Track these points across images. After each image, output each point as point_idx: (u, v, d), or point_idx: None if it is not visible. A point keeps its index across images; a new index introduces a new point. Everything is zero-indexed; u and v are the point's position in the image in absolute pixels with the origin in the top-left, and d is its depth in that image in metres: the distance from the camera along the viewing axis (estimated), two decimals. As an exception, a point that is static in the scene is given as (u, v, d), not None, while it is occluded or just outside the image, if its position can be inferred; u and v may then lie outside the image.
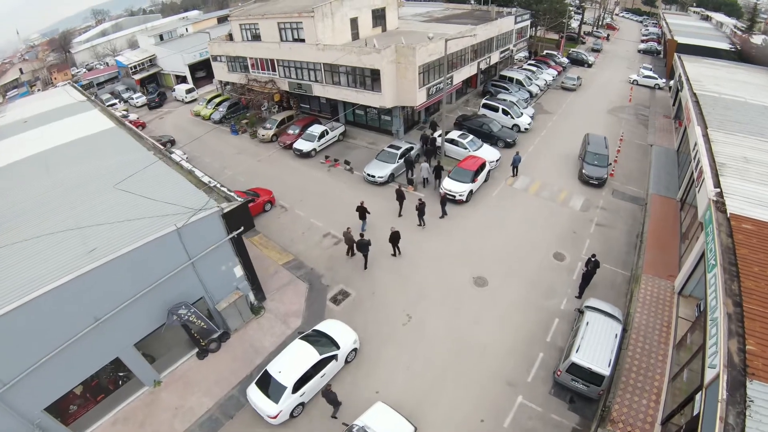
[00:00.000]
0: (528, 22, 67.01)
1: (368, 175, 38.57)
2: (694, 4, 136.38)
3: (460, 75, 48.90)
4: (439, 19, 60.96)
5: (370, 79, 41.12)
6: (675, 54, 55.88)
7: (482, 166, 36.53)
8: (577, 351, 20.34)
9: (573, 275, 28.36)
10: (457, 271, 28.57)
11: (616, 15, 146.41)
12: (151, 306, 19.98)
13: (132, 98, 76.54)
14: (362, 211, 31.87)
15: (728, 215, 21.46)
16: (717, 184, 23.87)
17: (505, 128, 45.41)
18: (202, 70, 77.43)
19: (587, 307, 23.64)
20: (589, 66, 75.88)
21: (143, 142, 31.66)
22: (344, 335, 22.48)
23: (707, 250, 20.83)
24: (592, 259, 26.19)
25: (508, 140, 43.31)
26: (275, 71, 50.30)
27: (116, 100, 76.41)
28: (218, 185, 24.46)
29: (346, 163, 42.05)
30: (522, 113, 47.96)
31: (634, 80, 66.44)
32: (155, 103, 69.75)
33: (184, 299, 21.10)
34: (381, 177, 37.94)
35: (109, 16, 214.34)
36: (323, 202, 36.86)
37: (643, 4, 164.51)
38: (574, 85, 61.53)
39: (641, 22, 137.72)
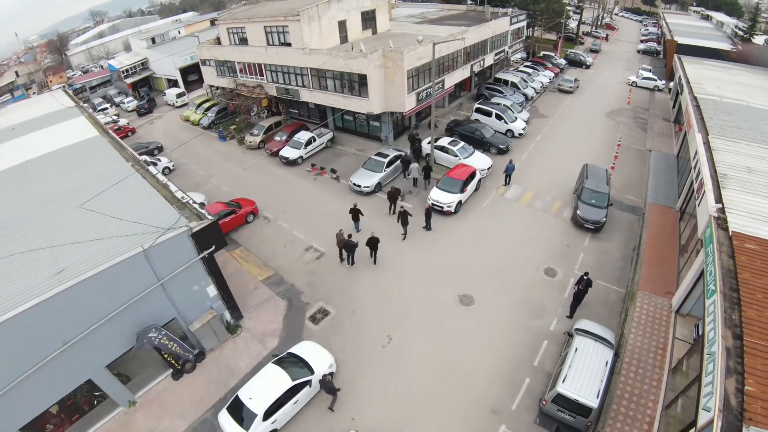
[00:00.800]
0: (524, 23, 65.26)
1: (354, 184, 37.19)
2: (695, 4, 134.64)
3: (452, 79, 47.42)
4: (433, 21, 59.46)
5: (357, 84, 39.75)
6: (675, 55, 54.18)
7: (472, 175, 35.10)
8: (563, 381, 18.91)
9: (564, 293, 26.92)
10: (442, 289, 27.24)
11: (616, 14, 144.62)
12: (120, 328, 19.49)
13: (123, 102, 75.09)
14: (355, 213, 31.62)
15: (730, 234, 19.99)
16: (718, 198, 22.39)
17: (498, 134, 43.95)
18: (194, 74, 76.17)
19: (577, 330, 22.19)
20: (587, 67, 74.11)
21: (124, 153, 30.94)
22: (319, 359, 21.58)
23: (706, 272, 19.35)
24: (585, 278, 24.78)
25: (501, 147, 41.74)
26: (263, 76, 49.03)
27: (108, 105, 75.30)
28: (191, 201, 23.54)
29: (333, 171, 40.63)
30: (516, 118, 46.45)
31: (633, 82, 64.85)
32: (144, 110, 67.67)
33: (155, 320, 20.55)
34: (367, 187, 36.55)
35: (108, 17, 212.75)
36: (307, 212, 35.74)
37: (643, 4, 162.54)
38: (571, 87, 59.74)
39: (641, 21, 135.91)
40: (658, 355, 22.53)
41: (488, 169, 38.10)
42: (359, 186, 36.81)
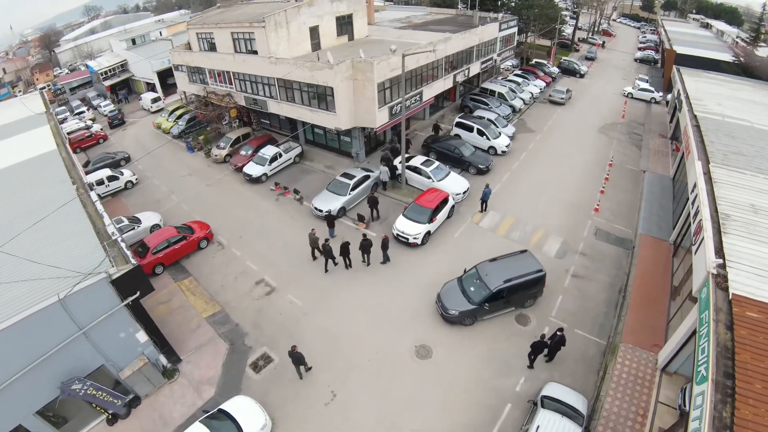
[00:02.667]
0: (515, 29, 61.59)
1: (315, 208, 33.82)
2: (694, 11, 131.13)
3: (432, 90, 43.87)
4: (417, 26, 56.08)
5: (324, 97, 36.33)
6: (674, 66, 50.77)
7: (444, 201, 31.77)
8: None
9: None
10: (397, 337, 24.36)
11: (613, 20, 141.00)
12: (42, 377, 18.37)
13: (100, 106, 71.82)
14: (330, 219, 31.12)
15: (730, 296, 16.67)
16: (719, 247, 19.04)
17: (478, 152, 40.46)
18: (172, 77, 72.43)
19: (544, 397, 19.21)
20: (582, 76, 70.18)
21: (73, 172, 29.65)
22: (252, 419, 19.55)
23: (698, 350, 16.00)
24: (558, 333, 21.46)
25: (481, 166, 38.34)
26: (232, 84, 45.54)
27: (85, 108, 72.01)
28: (120, 239, 21.90)
29: (296, 192, 37.34)
30: (500, 133, 42.99)
31: (628, 93, 61.35)
32: (118, 120, 62.93)
33: (82, 367, 19.41)
34: (329, 211, 33.11)
35: (105, 12, 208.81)
36: (263, 239, 32.94)
37: (642, 10, 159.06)
38: (562, 98, 56.10)
39: (639, 28, 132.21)
40: (637, 423, 19.39)
41: (464, 192, 34.73)
42: (320, 210, 33.40)
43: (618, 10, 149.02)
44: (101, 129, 60.43)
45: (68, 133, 57.12)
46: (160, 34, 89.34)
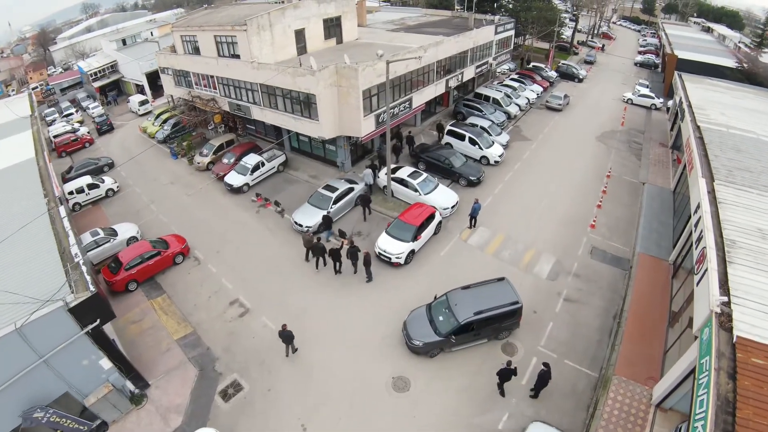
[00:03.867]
0: (512, 32, 59.67)
1: (295, 222, 32.06)
2: (695, 15, 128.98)
3: (423, 96, 42.08)
4: (410, 28, 54.27)
5: (307, 104, 34.55)
6: (675, 72, 48.90)
7: (431, 217, 29.99)
8: None
9: (523, 378, 21.89)
10: (375, 366, 22.79)
11: (614, 23, 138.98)
12: (2, 407, 17.90)
13: (89, 108, 70.07)
14: (328, 221, 30.68)
15: (734, 339, 15.01)
16: (723, 280, 17.35)
17: (470, 162, 38.58)
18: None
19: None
20: (580, 81, 67.70)
21: (47, 183, 29.54)
22: None
23: (696, 401, 14.26)
24: (544, 369, 19.71)
25: (472, 178, 36.44)
26: (216, 89, 43.71)
27: (74, 110, 70.30)
28: (82, 263, 20.88)
29: (276, 204, 35.58)
30: (493, 142, 41.10)
31: (628, 99, 59.38)
32: (107, 126, 59.95)
33: (46, 393, 18.81)
34: (309, 227, 31.37)
35: (104, 9, 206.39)
36: (241, 255, 31.40)
37: (642, 13, 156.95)
38: (560, 104, 54.14)
39: (639, 31, 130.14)
40: (628, 465, 17.40)
41: (453, 207, 32.90)
42: (300, 225, 31.64)
43: (618, 13, 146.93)
44: (88, 132, 58.67)
45: (54, 137, 55.68)
46: (151, 35, 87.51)
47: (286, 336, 22.31)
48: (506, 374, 19.92)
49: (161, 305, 27.50)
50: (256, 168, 38.93)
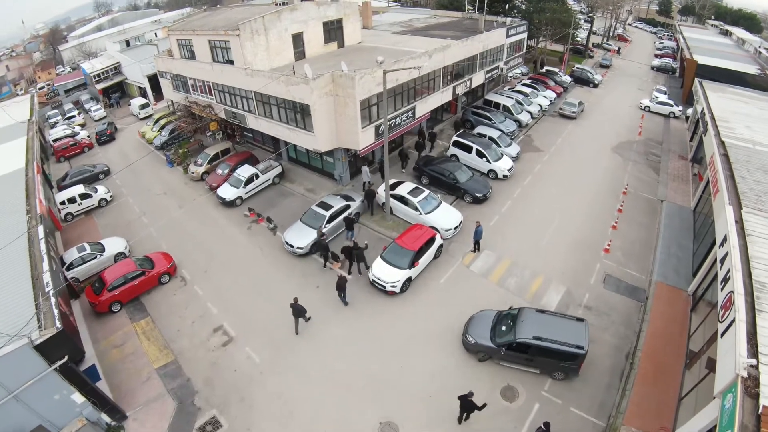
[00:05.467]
0: (524, 35, 56.91)
1: (286, 242, 29.96)
2: (712, 17, 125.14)
3: (427, 105, 39.77)
4: (417, 31, 51.86)
5: (302, 115, 32.38)
6: (696, 79, 46.16)
7: (430, 240, 27.72)
8: None
9: (523, 426, 19.58)
10: (361, 410, 20.88)
11: (629, 25, 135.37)
12: None
13: (91, 110, 68.58)
14: (350, 222, 30.08)
15: (760, 410, 12.60)
16: (752, 333, 14.82)
17: (477, 176, 36.14)
18: (164, 82, 69.03)
19: None
20: (595, 86, 64.86)
21: (32, 198, 28.96)
22: None
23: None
24: (542, 429, 17.59)
25: (478, 195, 34.01)
26: (212, 95, 41.69)
27: (77, 112, 68.91)
28: (53, 293, 20.30)
29: (269, 220, 33.56)
30: (502, 155, 38.70)
31: (645, 106, 56.51)
32: (106, 137, 56.69)
33: (18, 427, 18.33)
34: (300, 248, 29.29)
35: (117, 8, 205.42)
36: (229, 276, 29.72)
37: (658, 14, 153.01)
38: (574, 112, 51.23)
39: (655, 33, 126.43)
40: None
41: (456, 228, 30.56)
42: (292, 246, 29.54)
43: (633, 14, 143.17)
44: (88, 136, 56.90)
45: (54, 141, 54.21)
46: (155, 36, 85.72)
47: (298, 310, 23.03)
48: (467, 405, 18.53)
49: (144, 329, 26.22)
50: (249, 180, 36.93)
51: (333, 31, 41.89)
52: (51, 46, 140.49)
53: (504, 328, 21.58)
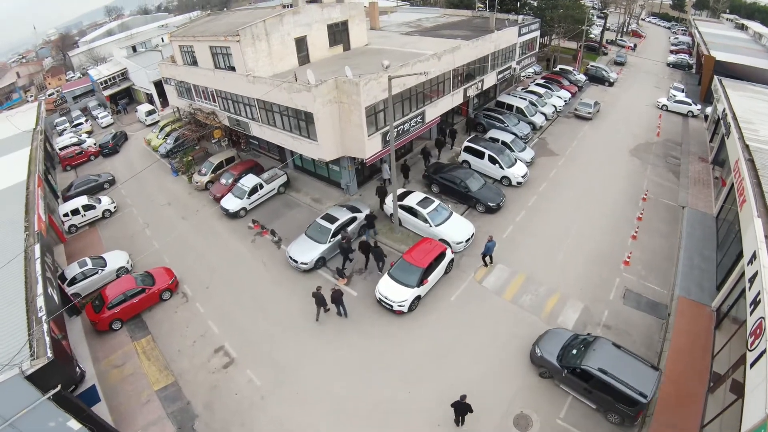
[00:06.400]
0: (537, 33, 55.10)
1: (290, 257, 28.80)
2: (727, 11, 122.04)
3: (437, 109, 38.26)
4: (426, 31, 50.41)
5: (305, 123, 31.14)
6: (715, 77, 44.29)
7: (441, 255, 26.34)
8: None
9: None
10: None
11: (642, 20, 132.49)
12: None
13: (98, 117, 67.97)
14: (371, 220, 30.02)
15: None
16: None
17: (489, 184, 34.55)
18: (171, 88, 68.09)
19: None
20: (611, 84, 62.85)
21: (30, 216, 28.10)
22: None
23: None
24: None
25: (491, 204, 32.44)
26: (215, 102, 40.61)
27: (84, 119, 68.48)
28: (45, 318, 19.85)
29: (273, 233, 32.34)
30: (516, 160, 36.97)
31: (663, 105, 54.58)
32: (108, 149, 54.49)
33: None
34: (304, 263, 28.09)
35: (129, 12, 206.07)
36: (231, 292, 28.75)
37: (672, 9, 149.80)
38: (590, 113, 49.36)
39: (669, 28, 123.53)
40: None
41: (467, 241, 29.13)
42: (296, 261, 28.35)
43: (647, 9, 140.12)
44: (94, 144, 56.09)
45: (60, 149, 53.62)
46: (162, 41, 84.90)
47: (320, 299, 23.75)
48: (461, 408, 18.37)
49: (144, 348, 25.47)
50: (254, 191, 35.83)
51: (338, 33, 40.59)
52: (61, 52, 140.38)
53: (574, 351, 20.58)
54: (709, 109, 49.36)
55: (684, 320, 24.01)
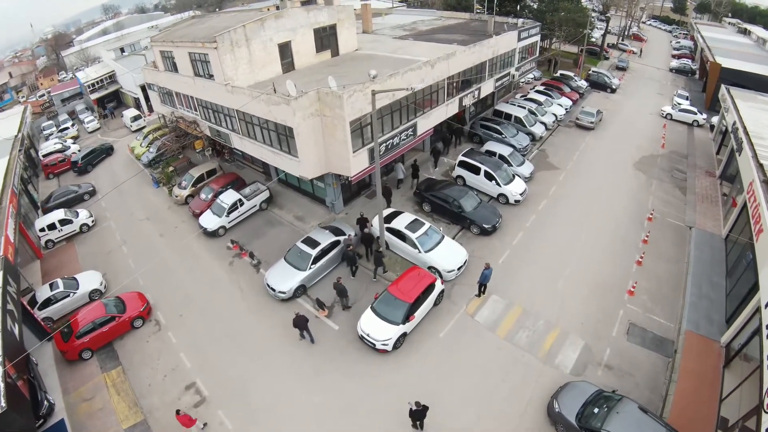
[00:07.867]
0: (537, 37, 52.74)
1: (267, 285, 26.59)
2: (729, 15, 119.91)
3: (430, 120, 35.97)
4: (421, 34, 48.10)
5: (285, 137, 28.89)
6: (723, 86, 42.15)
7: (429, 287, 24.09)
8: None
9: None
10: None
11: (643, 23, 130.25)
12: None
13: (84, 121, 65.81)
14: (362, 223, 29.32)
15: None
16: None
17: (484, 203, 32.33)
18: (159, 93, 65.89)
19: None
20: (613, 91, 60.74)
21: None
22: None
23: None
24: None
25: (486, 226, 30.15)
26: (197, 111, 38.38)
27: (71, 123, 66.60)
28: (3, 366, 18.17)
29: (251, 256, 30.10)
30: (513, 176, 34.69)
31: (667, 114, 52.26)
32: (77, 169, 50.18)
33: None
34: (282, 292, 25.90)
35: (126, 11, 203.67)
36: (204, 323, 26.77)
37: (673, 12, 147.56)
38: (592, 123, 47.09)
39: (670, 32, 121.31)
40: None
41: (459, 269, 26.84)
42: (274, 290, 26.17)
43: (647, 12, 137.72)
44: (79, 150, 53.80)
45: (43, 156, 51.56)
46: (150, 43, 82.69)
47: (341, 290, 24.39)
48: (420, 415, 18.05)
49: (114, 381, 23.91)
50: (233, 208, 33.67)
51: (326, 38, 38.23)
52: (55, 52, 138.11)
53: (596, 410, 18.50)
54: (715, 119, 47.20)
55: (691, 358, 21.96)
